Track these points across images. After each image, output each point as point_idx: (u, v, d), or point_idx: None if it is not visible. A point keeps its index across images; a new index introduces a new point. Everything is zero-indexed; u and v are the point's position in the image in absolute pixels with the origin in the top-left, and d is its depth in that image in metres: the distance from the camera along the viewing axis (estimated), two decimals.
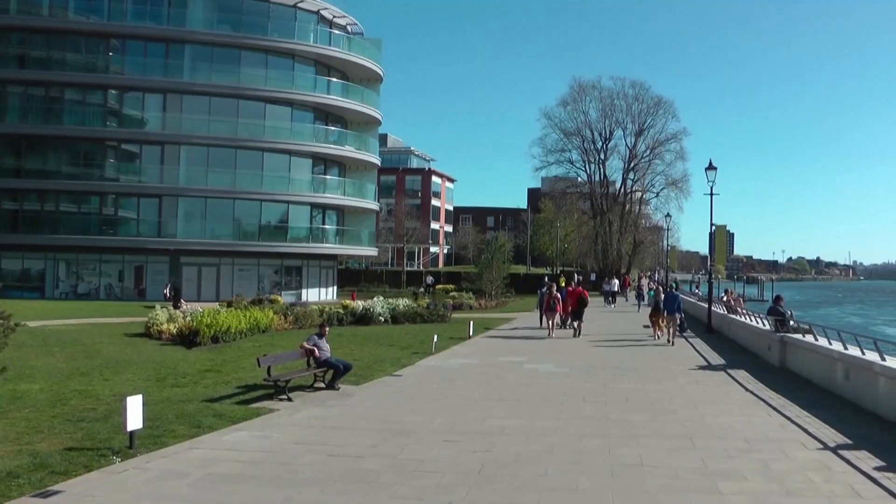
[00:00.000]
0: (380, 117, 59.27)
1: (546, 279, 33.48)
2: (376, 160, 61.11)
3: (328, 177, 56.02)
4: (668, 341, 26.66)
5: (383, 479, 8.65)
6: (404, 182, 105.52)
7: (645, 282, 59.89)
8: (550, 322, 28.73)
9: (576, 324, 29.06)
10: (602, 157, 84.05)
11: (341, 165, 57.64)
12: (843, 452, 10.38)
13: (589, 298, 30.93)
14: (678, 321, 27.75)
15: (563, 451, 10.21)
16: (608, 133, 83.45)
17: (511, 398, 14.66)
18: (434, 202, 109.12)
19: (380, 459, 9.53)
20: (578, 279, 50.67)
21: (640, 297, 46.97)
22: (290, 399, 14.04)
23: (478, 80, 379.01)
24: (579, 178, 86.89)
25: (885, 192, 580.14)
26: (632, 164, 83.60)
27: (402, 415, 12.78)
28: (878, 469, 9.48)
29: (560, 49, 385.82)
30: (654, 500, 7.93)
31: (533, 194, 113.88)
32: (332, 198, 55.78)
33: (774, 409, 13.99)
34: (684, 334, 29.36)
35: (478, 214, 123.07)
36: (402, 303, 36.39)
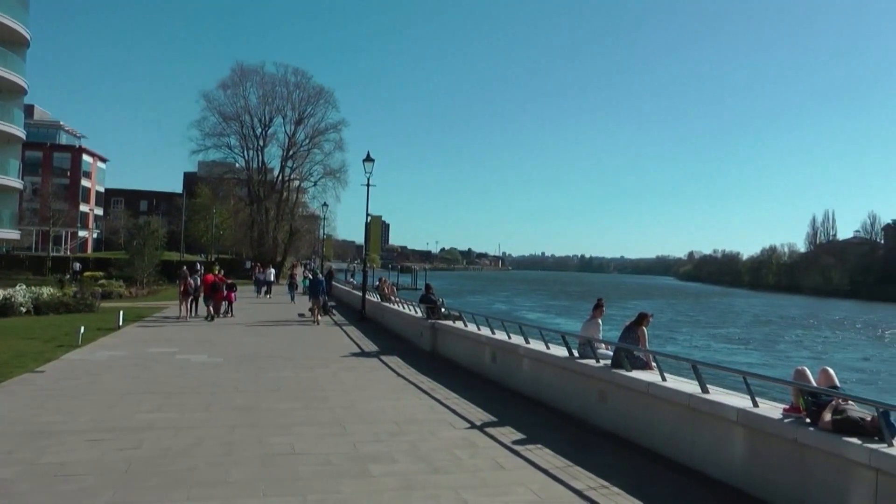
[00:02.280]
0: (25, 85, 53.33)
1: (184, 267, 33.00)
2: (21, 133, 55.00)
3: None
4: (315, 321, 30.73)
5: (18, 488, 7.85)
6: (51, 159, 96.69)
7: (300, 271, 60.33)
8: (182, 306, 31.10)
9: (211, 307, 31.24)
10: (261, 143, 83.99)
11: None
12: (489, 429, 11.32)
13: (226, 285, 32.45)
14: (322, 303, 32.65)
15: (213, 443, 10.01)
16: (268, 119, 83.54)
17: (161, 391, 14.09)
18: (84, 182, 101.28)
19: (15, 467, 8.63)
20: (217, 269, 49.50)
21: (292, 287, 46.88)
22: None
23: (136, 56, 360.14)
24: (237, 164, 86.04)
25: (531, 188, 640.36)
26: (291, 152, 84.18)
27: (44, 415, 11.69)
28: (518, 442, 10.49)
29: (226, 31, 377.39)
30: (305, 488, 8.03)
31: (189, 178, 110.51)
32: None
33: (425, 392, 14.86)
34: (332, 317, 33.24)
35: (131, 197, 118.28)
36: (47, 291, 33.96)
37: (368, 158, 33.48)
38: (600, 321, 13.84)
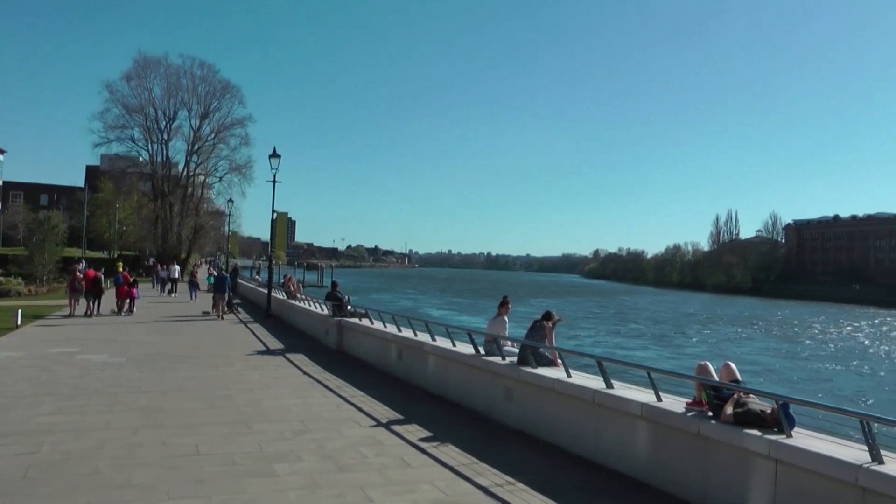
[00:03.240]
0: None
1: (75, 261, 32.48)
2: None
3: None
4: (219, 316, 31.64)
5: None
6: None
7: (203, 269, 59.02)
8: (74, 302, 30.79)
9: (92, 303, 31.26)
10: (165, 137, 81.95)
11: None
12: (395, 427, 11.31)
13: (128, 282, 32.49)
14: (226, 299, 33.48)
15: (116, 445, 9.71)
16: (173, 112, 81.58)
17: (61, 393, 13.59)
18: None
19: None
20: (121, 266, 48.06)
21: (193, 285, 45.56)
22: None
23: (36, 44, 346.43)
24: (141, 158, 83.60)
25: (438, 186, 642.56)
26: (196, 147, 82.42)
27: None
28: (424, 440, 10.52)
29: (130, 19, 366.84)
30: (210, 489, 7.88)
31: (92, 172, 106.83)
32: None
33: (331, 390, 14.75)
34: (238, 315, 33.39)
35: (30, 191, 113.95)
36: None
37: (275, 154, 33.10)
38: (506, 319, 13.91)
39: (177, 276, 51.53)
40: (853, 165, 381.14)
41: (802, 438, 7.07)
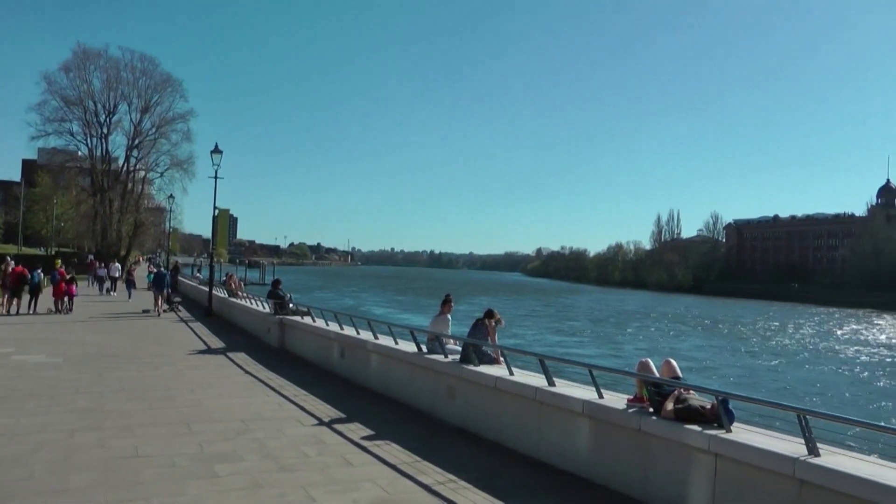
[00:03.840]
0: None
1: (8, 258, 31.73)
2: None
3: None
4: (156, 312, 31.65)
5: None
6: None
7: (143, 267, 57.85)
8: (4, 300, 30.42)
9: (15, 300, 30.48)
10: (105, 131, 79.54)
11: None
12: (337, 426, 11.24)
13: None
14: (165, 295, 34.00)
15: (52, 448, 9.43)
16: (112, 106, 79.29)
17: None
18: None
19: None
20: (59, 263, 46.82)
21: (130, 283, 44.46)
22: None
23: None
24: (80, 152, 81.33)
25: (381, 183, 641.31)
26: (136, 142, 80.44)
27: None
28: (366, 438, 10.47)
29: (69, 9, 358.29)
30: (149, 491, 7.72)
31: (28, 166, 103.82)
32: None
33: (272, 389, 14.61)
34: (178, 313, 32.99)
35: None
36: None
37: (217, 150, 32.64)
38: (449, 317, 13.89)
39: (117, 273, 50.40)
40: (793, 167, 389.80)
41: (741, 433, 7.17)
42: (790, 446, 6.62)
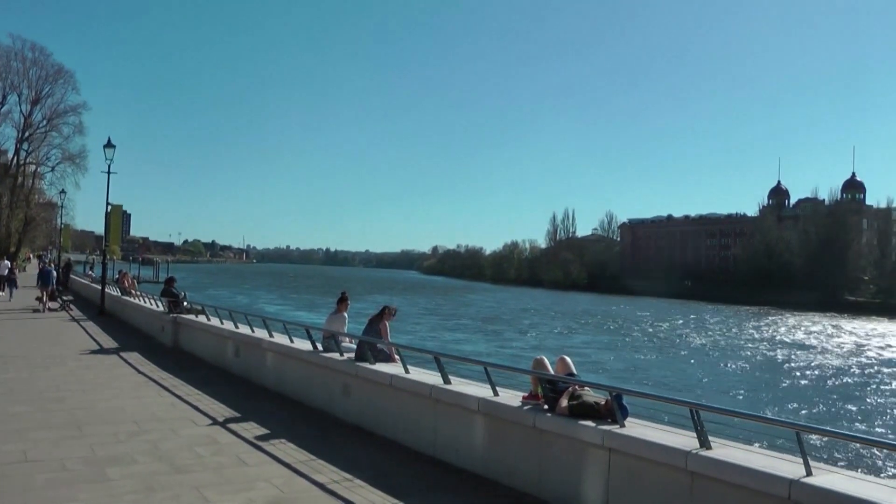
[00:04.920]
0: None
1: None
2: None
3: None
4: (42, 309, 31.15)
5: None
6: None
7: (33, 262, 55.44)
8: None
9: None
10: None
11: None
12: (231, 425, 11.08)
13: None
14: (51, 292, 34.06)
15: None
16: (1, 97, 75.82)
17: None
18: None
19: None
20: None
21: (11, 283, 42.29)
22: None
23: None
24: None
25: (276, 180, 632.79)
26: (27, 134, 77.10)
27: None
28: (261, 437, 10.35)
29: None
30: (38, 498, 7.45)
31: None
32: None
33: (166, 389, 14.25)
34: (70, 312, 32.13)
35: None
36: None
37: (109, 144, 31.51)
38: (345, 315, 13.82)
39: (6, 271, 48.04)
40: (687, 168, 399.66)
41: (635, 427, 7.31)
42: (683, 440, 6.76)
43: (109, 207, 34.98)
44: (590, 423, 7.49)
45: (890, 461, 16.24)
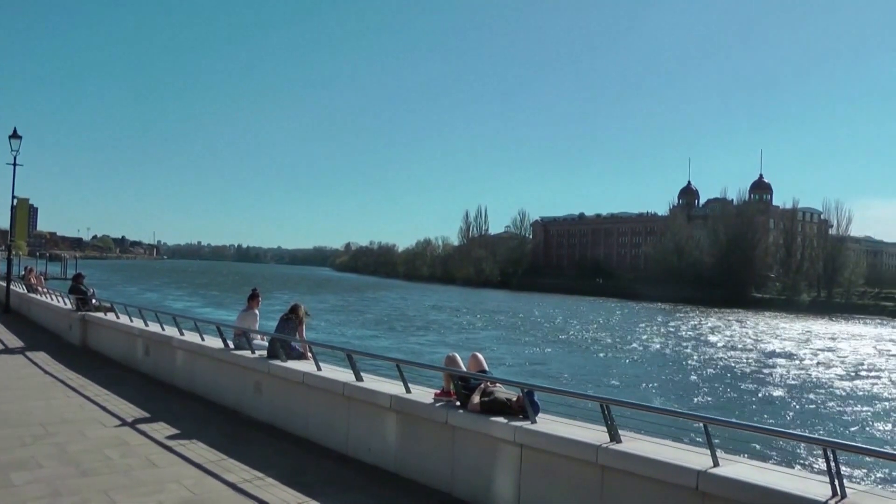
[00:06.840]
0: None
1: None
2: None
3: None
4: None
5: None
6: None
7: None
8: None
9: None
10: None
11: None
12: (141, 426, 10.67)
13: None
14: None
15: None
16: None
17: None
18: None
19: None
20: None
21: None
22: None
23: None
24: None
25: (186, 175, 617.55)
26: None
27: None
28: (172, 438, 10.00)
29: None
30: None
31: None
32: None
33: (74, 389, 13.66)
34: None
35: None
36: None
37: (15, 135, 29.99)
38: (257, 311, 13.51)
39: None
40: (599, 168, 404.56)
41: (546, 423, 7.30)
42: (593, 434, 6.78)
43: (15, 201, 33.34)
44: (502, 420, 7.46)
45: (791, 450, 16.81)
